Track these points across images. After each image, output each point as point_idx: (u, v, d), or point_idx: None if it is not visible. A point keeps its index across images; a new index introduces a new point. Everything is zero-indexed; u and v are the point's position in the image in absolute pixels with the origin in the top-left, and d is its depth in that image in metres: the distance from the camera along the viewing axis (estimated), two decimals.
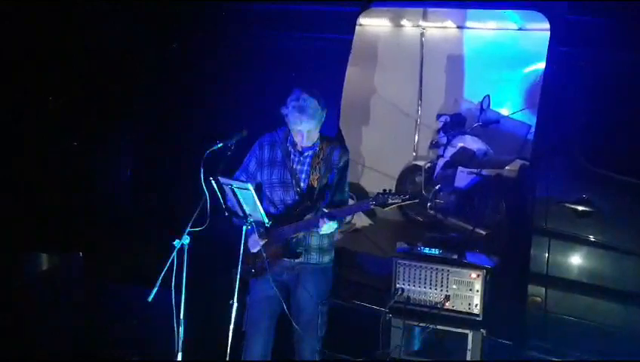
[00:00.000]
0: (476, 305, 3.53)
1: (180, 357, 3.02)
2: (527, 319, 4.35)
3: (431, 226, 5.95)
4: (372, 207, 3.16)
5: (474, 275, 3.55)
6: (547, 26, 4.61)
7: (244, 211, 3.10)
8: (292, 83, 5.06)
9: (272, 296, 3.41)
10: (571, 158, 4.27)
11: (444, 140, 6.33)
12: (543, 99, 4.49)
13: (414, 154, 7.08)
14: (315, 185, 3.36)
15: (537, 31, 6.04)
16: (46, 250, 4.71)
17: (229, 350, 3.07)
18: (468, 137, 6.17)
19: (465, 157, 6.00)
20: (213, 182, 3.03)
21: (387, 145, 6.91)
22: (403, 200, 3.07)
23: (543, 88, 4.50)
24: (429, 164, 6.46)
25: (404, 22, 6.86)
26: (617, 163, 4.15)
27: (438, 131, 6.42)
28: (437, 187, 6.20)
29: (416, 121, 7.06)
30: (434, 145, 6.47)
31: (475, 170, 5.69)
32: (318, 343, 3.45)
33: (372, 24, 6.87)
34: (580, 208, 4.18)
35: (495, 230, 5.21)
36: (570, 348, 4.31)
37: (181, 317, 3.00)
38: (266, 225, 3.14)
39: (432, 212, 6.08)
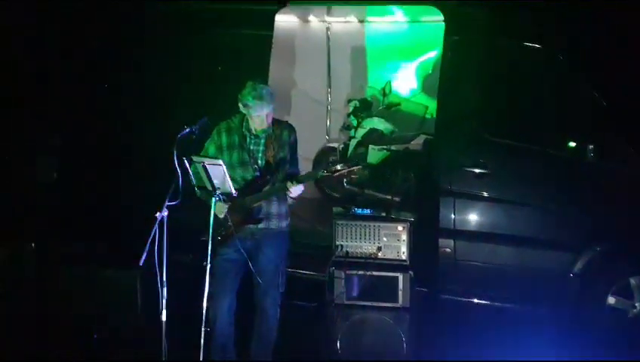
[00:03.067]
0: (403, 253, 4.23)
1: (164, 315, 3.47)
2: (440, 268, 5.11)
3: (348, 200, 6.62)
4: (325, 174, 3.74)
5: (400, 228, 4.25)
6: (438, 18, 5.33)
7: (213, 185, 3.59)
8: (220, 77, 5.51)
9: (235, 259, 3.92)
10: (469, 129, 5.05)
11: (354, 123, 7.01)
12: (442, 80, 5.22)
13: (327, 137, 7.74)
14: (272, 161, 3.90)
15: (429, 22, 6.88)
16: None
17: (205, 304, 3.54)
18: (376, 119, 6.89)
19: (374, 137, 6.71)
20: (186, 161, 3.49)
21: (303, 130, 7.44)
22: (349, 167, 3.66)
23: (441, 71, 5.24)
24: (342, 145, 7.13)
25: (310, 18, 7.48)
26: (507, 130, 4.95)
27: (349, 115, 7.09)
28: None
29: (327, 108, 7.72)
30: (346, 127, 7.14)
31: (385, 147, 6.41)
32: (279, 298, 3.99)
33: (282, 20, 7.42)
34: (478, 170, 4.99)
35: (406, 197, 5.95)
36: (477, 288, 5.12)
37: (164, 279, 3.43)
38: (234, 194, 3.65)
39: (348, 187, 6.73)
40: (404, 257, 4.22)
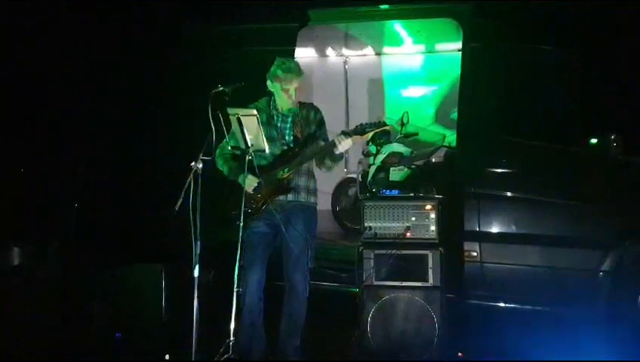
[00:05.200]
0: (432, 231, 4.19)
1: (196, 271, 3.43)
2: (466, 272, 5.03)
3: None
4: (353, 135, 3.80)
5: (429, 207, 4.24)
6: (452, 47, 5.47)
7: (246, 142, 3.65)
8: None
9: (265, 233, 3.94)
10: (489, 131, 5.13)
11: (373, 150, 7.11)
12: (462, 86, 5.36)
13: (345, 169, 7.82)
14: (300, 136, 3.99)
15: (444, 52, 7.14)
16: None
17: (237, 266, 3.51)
18: (395, 144, 6.98)
19: (394, 159, 6.78)
20: (220, 115, 3.57)
21: None
22: (378, 127, 3.73)
23: (461, 78, 5.38)
24: (361, 172, 7.18)
25: (328, 51, 7.77)
26: (528, 130, 5.00)
27: (368, 143, 7.20)
28: (372, 191, 6.91)
29: None
30: (365, 154, 7.23)
31: (405, 165, 6.46)
32: (309, 274, 3.95)
33: (300, 55, 7.71)
34: (501, 170, 5.02)
35: None
36: (505, 291, 5.02)
37: (197, 234, 3.42)
38: (266, 151, 3.71)
39: None
40: (433, 236, 4.18)
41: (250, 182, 3.86)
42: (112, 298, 4.72)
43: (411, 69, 7.61)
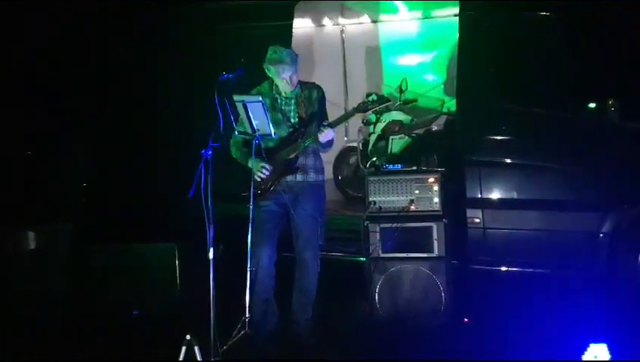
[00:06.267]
0: (436, 203, 4.30)
1: (211, 253, 3.55)
2: (469, 238, 5.16)
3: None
4: (355, 113, 3.88)
5: (432, 179, 4.34)
6: (449, 12, 5.44)
7: (253, 127, 3.73)
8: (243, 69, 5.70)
9: (274, 211, 4.05)
10: (489, 99, 5.19)
11: (373, 118, 7.16)
12: (460, 54, 5.39)
13: (345, 138, 7.89)
14: (304, 116, 4.07)
15: (441, 17, 7.13)
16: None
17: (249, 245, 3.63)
18: (394, 112, 7.03)
19: (395, 127, 6.84)
20: (227, 101, 3.64)
21: None
22: (380, 104, 3.80)
23: (459, 46, 5.41)
24: (362, 141, 7.26)
25: (325, 21, 7.75)
26: (525, 97, 5.07)
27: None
28: (373, 159, 7.00)
29: (345, 109, 7.88)
30: (365, 123, 7.29)
31: (406, 133, 6.53)
32: (319, 251, 4.08)
33: (297, 26, 7.68)
34: (500, 137, 5.10)
35: None
36: (507, 256, 5.16)
37: (211, 218, 3.53)
38: (273, 136, 3.79)
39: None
40: (437, 208, 4.29)
41: (257, 167, 3.94)
42: (127, 277, 4.88)
43: (409, 36, 7.59)
